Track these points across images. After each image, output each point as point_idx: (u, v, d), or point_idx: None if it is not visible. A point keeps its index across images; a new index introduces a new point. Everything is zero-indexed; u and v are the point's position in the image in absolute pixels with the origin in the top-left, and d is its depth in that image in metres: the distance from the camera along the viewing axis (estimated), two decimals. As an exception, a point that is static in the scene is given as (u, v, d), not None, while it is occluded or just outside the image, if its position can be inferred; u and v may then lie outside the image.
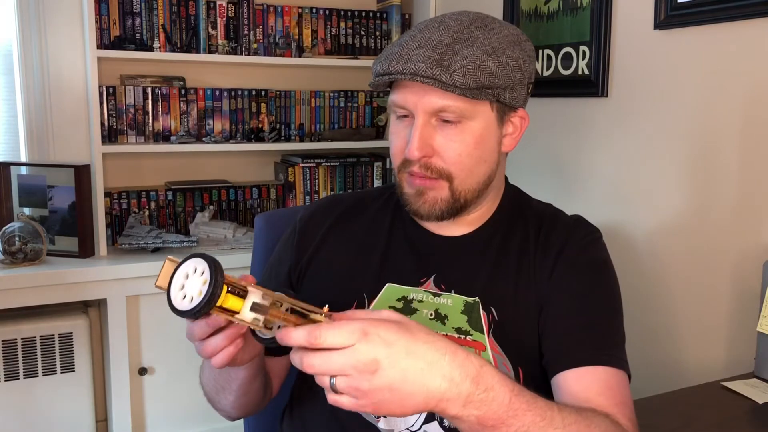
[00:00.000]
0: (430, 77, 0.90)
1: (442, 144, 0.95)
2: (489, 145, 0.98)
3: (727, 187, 1.56)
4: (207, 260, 0.69)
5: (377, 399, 0.68)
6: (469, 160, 0.96)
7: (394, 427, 0.97)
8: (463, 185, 0.97)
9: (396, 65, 0.92)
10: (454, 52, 0.91)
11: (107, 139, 2.39)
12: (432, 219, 1.00)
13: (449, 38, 0.92)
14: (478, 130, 0.95)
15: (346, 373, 0.68)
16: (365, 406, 0.69)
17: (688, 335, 1.66)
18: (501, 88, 0.94)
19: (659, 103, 1.73)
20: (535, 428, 0.74)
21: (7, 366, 2.14)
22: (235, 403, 1.00)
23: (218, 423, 2.22)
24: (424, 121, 0.94)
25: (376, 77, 0.96)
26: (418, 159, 0.95)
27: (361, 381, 0.68)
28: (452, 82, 0.89)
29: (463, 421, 0.72)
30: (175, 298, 0.71)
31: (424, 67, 0.89)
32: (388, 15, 2.77)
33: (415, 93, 0.94)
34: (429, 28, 0.95)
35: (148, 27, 2.40)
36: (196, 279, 0.70)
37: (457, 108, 0.93)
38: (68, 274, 2.12)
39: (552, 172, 2.07)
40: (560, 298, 0.98)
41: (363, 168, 2.73)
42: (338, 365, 0.67)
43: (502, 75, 0.92)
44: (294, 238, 1.09)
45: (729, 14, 1.52)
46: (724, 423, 1.16)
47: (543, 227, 1.03)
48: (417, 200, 0.98)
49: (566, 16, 2.00)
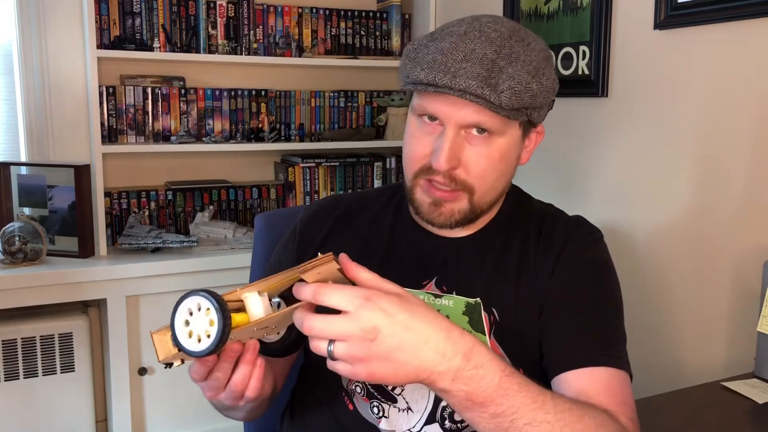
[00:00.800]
0: (480, 96, 0.88)
1: (469, 157, 0.93)
2: (511, 161, 0.98)
3: (727, 187, 1.56)
4: (197, 295, 0.69)
5: (372, 367, 0.69)
6: (492, 174, 0.95)
7: (395, 428, 0.97)
8: (483, 198, 0.97)
9: (443, 78, 0.88)
10: (500, 70, 0.89)
11: (107, 139, 2.39)
12: (446, 228, 0.99)
13: (493, 53, 0.90)
14: (504, 146, 0.95)
15: (345, 339, 0.69)
16: (359, 373, 0.70)
17: (688, 335, 1.66)
18: (535, 108, 0.94)
19: (659, 103, 1.73)
20: (526, 410, 0.74)
21: (7, 366, 2.14)
22: (243, 416, 1.01)
23: (218, 423, 2.23)
24: (455, 133, 0.93)
25: (418, 85, 0.92)
26: (446, 170, 0.93)
27: (358, 348, 0.69)
28: (500, 102, 0.88)
29: (453, 395, 0.73)
30: (188, 345, 0.70)
31: (474, 85, 0.87)
32: (388, 15, 2.77)
33: (451, 105, 0.91)
34: (470, 38, 0.91)
35: (148, 27, 2.40)
36: (200, 317, 0.69)
37: (492, 125, 0.92)
38: (68, 274, 2.12)
39: (552, 172, 2.07)
40: (561, 298, 0.98)
41: (363, 168, 2.73)
42: (338, 330, 0.69)
43: (540, 97, 0.92)
44: (295, 239, 1.09)
45: (729, 14, 1.52)
46: (724, 423, 1.16)
47: (544, 228, 1.03)
48: (433, 210, 0.97)
49: (566, 16, 2.00)
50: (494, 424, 0.74)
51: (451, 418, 0.97)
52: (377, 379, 0.70)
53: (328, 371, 1.02)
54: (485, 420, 0.74)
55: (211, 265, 2.27)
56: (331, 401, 1.02)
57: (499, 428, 0.74)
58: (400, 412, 0.98)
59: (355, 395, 1.00)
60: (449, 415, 0.97)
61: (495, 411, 0.73)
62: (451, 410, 0.97)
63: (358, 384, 0.99)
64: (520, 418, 0.74)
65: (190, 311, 0.70)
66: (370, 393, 0.99)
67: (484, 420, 0.74)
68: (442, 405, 0.97)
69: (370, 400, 0.99)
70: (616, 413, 0.86)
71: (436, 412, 0.97)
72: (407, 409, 0.97)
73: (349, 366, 0.70)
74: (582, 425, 0.78)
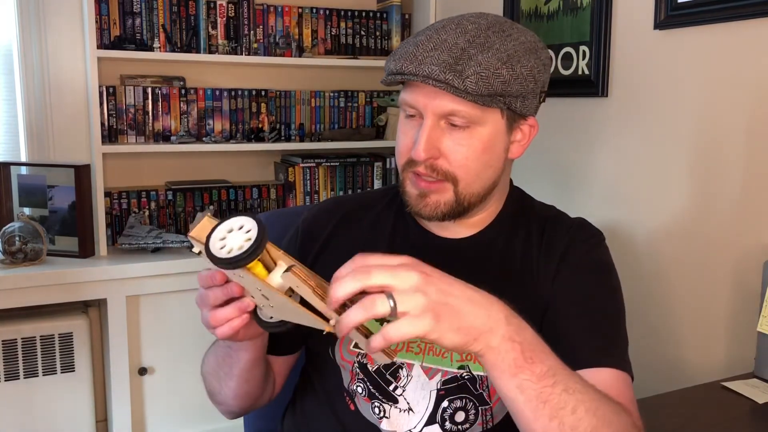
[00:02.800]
0: (443, 81, 0.89)
1: (449, 147, 0.94)
2: (496, 151, 0.97)
3: (727, 187, 1.56)
4: (255, 219, 0.72)
5: (438, 313, 0.69)
6: (475, 164, 0.95)
7: (396, 429, 0.97)
8: (468, 189, 0.97)
9: (410, 66, 0.91)
10: (469, 57, 0.90)
11: (107, 139, 2.39)
12: (434, 220, 1.00)
13: (465, 42, 0.92)
14: (486, 135, 0.95)
15: (404, 288, 0.69)
16: (425, 323, 0.68)
17: (688, 335, 1.66)
18: (513, 96, 0.93)
19: (659, 103, 1.73)
20: (563, 373, 0.77)
21: (7, 366, 2.14)
22: (236, 391, 0.99)
23: (218, 423, 2.23)
24: (433, 123, 0.94)
25: (389, 75, 0.95)
26: (424, 160, 0.94)
27: (420, 298, 0.69)
28: (464, 87, 0.89)
29: (506, 354, 0.73)
30: (213, 247, 0.72)
31: (437, 70, 0.89)
32: (388, 15, 2.77)
33: (426, 95, 0.93)
34: (446, 30, 0.94)
35: (148, 27, 2.40)
36: (239, 234, 0.72)
37: (467, 113, 0.92)
38: (68, 274, 2.12)
39: (552, 171, 2.07)
40: (563, 300, 0.98)
41: (363, 168, 2.73)
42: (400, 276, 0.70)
43: (515, 84, 0.92)
44: (297, 240, 1.09)
45: (729, 14, 1.52)
46: (724, 423, 1.16)
47: (546, 230, 1.04)
48: (419, 202, 0.98)
49: (566, 16, 2.00)
50: (539, 388, 0.75)
51: (452, 420, 0.97)
52: (442, 331, 0.69)
53: (328, 372, 1.03)
54: (532, 384, 0.74)
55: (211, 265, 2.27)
56: (333, 401, 1.02)
57: (541, 396, 0.75)
58: (401, 412, 0.98)
59: (357, 395, 1.00)
60: (450, 416, 0.97)
61: (541, 370, 0.75)
62: (452, 411, 0.97)
63: (359, 384, 1.00)
64: (559, 382, 0.76)
65: (230, 229, 0.73)
66: (371, 393, 0.99)
67: (531, 384, 0.75)
68: (443, 406, 0.97)
69: (371, 401, 0.99)
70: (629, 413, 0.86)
71: (437, 413, 0.97)
72: (408, 409, 0.98)
73: (417, 318, 0.68)
74: (604, 405, 0.80)
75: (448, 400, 0.97)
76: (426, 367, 0.97)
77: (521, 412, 0.76)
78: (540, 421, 0.76)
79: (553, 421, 0.76)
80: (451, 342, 0.71)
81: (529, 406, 0.76)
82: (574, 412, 0.76)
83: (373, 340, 0.70)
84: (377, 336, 0.69)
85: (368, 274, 0.69)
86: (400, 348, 0.98)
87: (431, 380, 0.97)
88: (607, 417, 0.79)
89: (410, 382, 0.97)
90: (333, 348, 1.02)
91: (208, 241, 0.73)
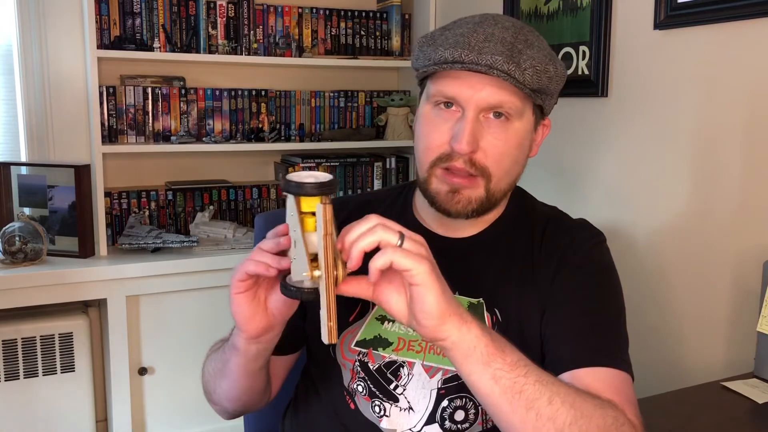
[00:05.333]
0: (506, 72, 0.89)
1: (488, 141, 0.93)
2: (525, 149, 0.99)
3: (727, 187, 1.56)
4: (330, 175, 0.78)
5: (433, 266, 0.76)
6: (508, 160, 0.95)
7: (396, 427, 0.97)
8: (498, 185, 0.96)
9: (470, 55, 0.89)
10: (519, 51, 0.91)
11: (107, 139, 2.39)
12: (462, 217, 0.98)
13: (512, 37, 0.92)
14: (521, 131, 0.96)
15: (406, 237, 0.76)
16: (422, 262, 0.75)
17: (688, 335, 1.66)
18: (547, 94, 0.95)
19: (659, 103, 1.73)
20: (533, 366, 0.80)
21: (7, 366, 2.14)
22: (229, 393, 0.99)
23: (218, 423, 2.22)
24: (475, 116, 0.93)
25: (442, 65, 0.92)
26: (468, 153, 0.92)
27: (432, 260, 0.77)
28: (523, 79, 0.90)
29: (479, 341, 0.77)
30: (300, 176, 0.77)
31: (501, 60, 0.88)
32: (388, 15, 2.77)
33: (471, 86, 0.91)
34: (487, 24, 0.93)
35: (148, 27, 2.40)
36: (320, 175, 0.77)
37: (513, 105, 0.92)
38: (68, 274, 2.12)
39: (552, 171, 2.08)
40: (563, 301, 0.98)
41: (363, 168, 2.73)
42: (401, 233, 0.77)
43: (555, 81, 0.94)
44: None
45: (729, 14, 1.52)
46: (724, 423, 1.16)
47: (548, 230, 1.04)
48: (449, 198, 0.96)
49: (566, 16, 2.00)
50: (513, 377, 0.77)
51: (452, 419, 0.97)
52: (430, 286, 0.74)
53: (329, 371, 1.03)
54: (505, 374, 0.77)
55: (211, 265, 2.27)
56: (333, 400, 1.02)
57: (515, 386, 0.77)
58: (401, 411, 0.98)
59: (357, 394, 1.00)
60: (449, 415, 0.97)
61: (512, 359, 0.77)
62: (452, 411, 0.97)
63: (359, 383, 1.00)
64: (531, 373, 0.78)
65: (310, 176, 0.78)
66: (371, 392, 0.99)
67: (505, 374, 0.77)
68: (443, 405, 0.97)
69: (372, 399, 0.99)
70: (622, 409, 0.86)
71: (437, 412, 0.97)
72: (408, 408, 0.98)
73: (417, 258, 0.74)
74: (581, 398, 0.81)
75: (448, 399, 0.97)
76: (427, 366, 0.98)
77: (498, 405, 0.78)
78: (518, 413, 0.77)
79: (530, 413, 0.77)
80: (432, 303, 0.74)
81: (505, 398, 0.77)
82: (551, 403, 0.78)
83: (375, 257, 0.74)
84: (379, 254, 0.74)
85: (386, 226, 0.76)
86: (402, 347, 0.99)
87: (432, 379, 0.97)
88: (585, 410, 0.80)
89: (411, 381, 0.98)
90: (334, 347, 1.02)
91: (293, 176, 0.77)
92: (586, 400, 0.81)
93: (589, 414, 0.80)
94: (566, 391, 0.80)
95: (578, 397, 0.81)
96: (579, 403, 0.80)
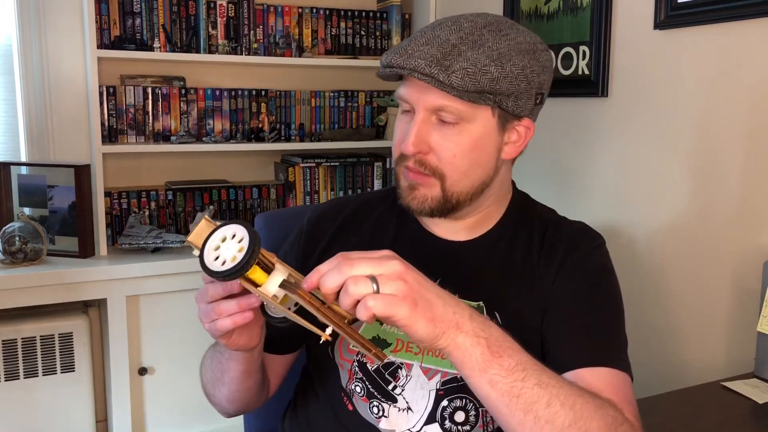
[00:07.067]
0: (428, 75, 0.90)
1: (438, 142, 0.95)
2: (486, 150, 0.97)
3: (727, 187, 1.56)
4: (247, 229, 0.72)
5: (416, 300, 0.73)
6: (463, 162, 0.95)
7: (395, 428, 0.97)
8: (456, 186, 0.97)
9: (399, 59, 0.92)
10: (458, 53, 0.91)
11: (107, 139, 2.39)
12: (422, 215, 1.00)
13: (457, 38, 0.92)
14: (475, 133, 0.95)
15: (386, 276, 0.72)
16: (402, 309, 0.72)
17: (688, 335, 1.66)
18: (503, 95, 0.93)
19: (659, 103, 1.73)
20: (533, 368, 0.79)
21: (7, 366, 2.14)
22: (229, 397, 1.00)
23: (218, 423, 2.23)
24: (424, 118, 0.95)
25: (381, 68, 0.98)
26: (413, 154, 0.95)
27: (399, 284, 0.72)
28: (449, 82, 0.89)
29: (474, 348, 0.76)
30: (207, 257, 0.73)
31: (423, 64, 0.90)
32: (388, 15, 2.77)
33: (417, 89, 0.94)
34: (442, 26, 0.95)
35: (148, 27, 2.40)
36: (233, 244, 0.72)
37: (455, 109, 0.93)
38: (68, 274, 2.12)
39: (552, 172, 2.07)
40: (563, 303, 0.98)
41: (363, 168, 2.73)
42: (380, 267, 0.72)
43: (504, 82, 0.92)
44: (300, 240, 1.09)
45: (729, 14, 1.52)
46: (724, 423, 1.16)
47: (548, 234, 1.04)
48: (408, 193, 0.99)
49: (566, 16, 2.00)
50: (510, 382, 0.76)
51: (451, 419, 0.97)
52: (416, 318, 0.72)
53: (327, 371, 1.03)
54: (502, 379, 0.76)
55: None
56: (332, 401, 1.02)
57: (512, 390, 0.76)
58: (400, 411, 0.98)
59: (355, 395, 1.00)
60: (449, 415, 0.97)
61: (509, 364, 0.76)
62: (452, 411, 0.97)
63: (357, 383, 1.00)
64: (530, 376, 0.77)
65: (224, 238, 0.73)
66: (369, 393, 0.99)
67: (501, 379, 0.76)
68: (442, 405, 0.97)
69: (370, 400, 0.99)
70: (621, 409, 0.86)
71: (436, 412, 0.97)
72: (407, 409, 0.98)
73: (397, 300, 0.72)
74: (582, 399, 0.81)
75: (447, 399, 0.97)
76: (425, 368, 0.97)
77: (496, 408, 0.78)
78: (515, 415, 0.77)
79: (528, 415, 0.77)
80: (423, 331, 0.73)
81: (502, 402, 0.77)
82: (549, 405, 0.77)
83: (357, 310, 0.71)
84: (360, 306, 0.71)
85: (351, 266, 0.72)
86: (400, 348, 0.99)
87: (430, 380, 0.97)
88: (585, 411, 0.80)
89: (409, 382, 0.98)
90: (332, 347, 1.02)
91: (202, 252, 0.74)
92: (587, 401, 0.81)
93: (589, 415, 0.80)
94: (567, 392, 0.80)
95: (579, 399, 0.80)
96: (579, 405, 0.80)
